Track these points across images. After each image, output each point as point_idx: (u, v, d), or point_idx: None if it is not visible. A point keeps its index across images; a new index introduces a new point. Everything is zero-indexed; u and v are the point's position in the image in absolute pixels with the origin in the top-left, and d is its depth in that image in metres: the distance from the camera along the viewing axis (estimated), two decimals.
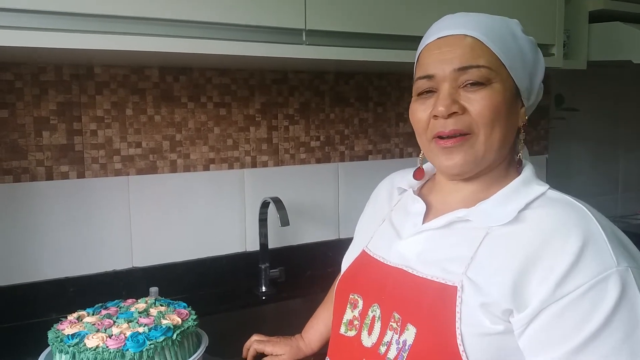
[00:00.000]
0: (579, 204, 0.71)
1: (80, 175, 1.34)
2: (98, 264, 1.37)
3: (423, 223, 0.80)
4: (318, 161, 1.66)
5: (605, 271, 0.64)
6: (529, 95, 0.79)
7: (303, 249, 1.64)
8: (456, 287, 0.70)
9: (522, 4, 1.46)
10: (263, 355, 1.07)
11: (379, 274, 0.81)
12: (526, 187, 0.75)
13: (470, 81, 0.73)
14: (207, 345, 1.04)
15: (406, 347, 0.72)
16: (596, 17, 1.77)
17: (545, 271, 0.66)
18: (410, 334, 0.72)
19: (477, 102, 0.73)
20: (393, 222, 0.86)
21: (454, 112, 0.73)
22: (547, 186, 0.75)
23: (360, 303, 0.82)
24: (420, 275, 0.75)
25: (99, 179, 1.36)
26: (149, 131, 1.41)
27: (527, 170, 0.78)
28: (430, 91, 0.76)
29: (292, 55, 1.18)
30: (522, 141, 0.79)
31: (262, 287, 1.51)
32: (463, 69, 0.73)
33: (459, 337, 0.68)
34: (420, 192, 0.87)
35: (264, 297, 1.49)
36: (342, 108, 1.68)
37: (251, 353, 1.07)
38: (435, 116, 0.75)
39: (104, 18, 1.01)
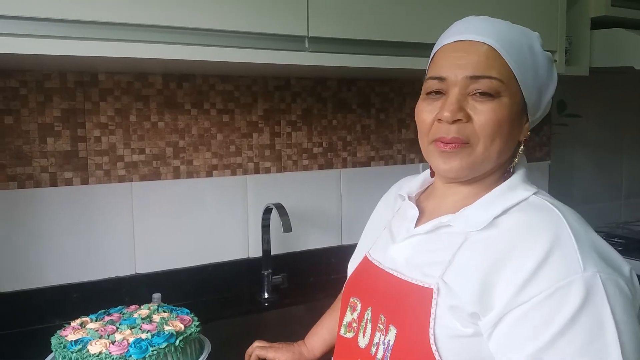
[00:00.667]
0: (555, 209, 0.71)
1: (84, 181, 1.35)
2: (101, 270, 1.37)
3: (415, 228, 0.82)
4: (320, 167, 1.66)
5: (568, 276, 0.64)
6: (535, 110, 0.79)
7: (306, 255, 1.64)
8: (432, 289, 0.72)
9: (524, 10, 1.46)
10: None
11: (374, 278, 0.84)
12: (511, 193, 0.76)
13: (480, 90, 0.73)
14: (209, 351, 1.04)
15: (389, 347, 0.74)
16: (598, 23, 1.77)
17: (510, 274, 0.67)
18: (392, 334, 0.75)
19: (483, 114, 0.73)
20: (392, 228, 0.88)
21: (459, 120, 0.73)
22: (533, 191, 0.76)
23: (359, 306, 0.84)
24: (404, 279, 0.77)
25: (102, 185, 1.37)
26: (153, 137, 1.42)
27: (516, 176, 0.78)
28: (439, 92, 0.76)
29: (295, 62, 1.19)
30: (520, 152, 0.79)
31: (264, 293, 1.51)
32: (475, 78, 0.73)
33: (431, 337, 0.70)
34: (419, 198, 0.89)
35: (266, 304, 1.49)
36: (344, 114, 1.69)
37: (253, 359, 1.07)
38: (439, 119, 0.75)
39: (108, 25, 1.02)
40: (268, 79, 1.56)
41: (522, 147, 0.79)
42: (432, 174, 0.88)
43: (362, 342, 0.81)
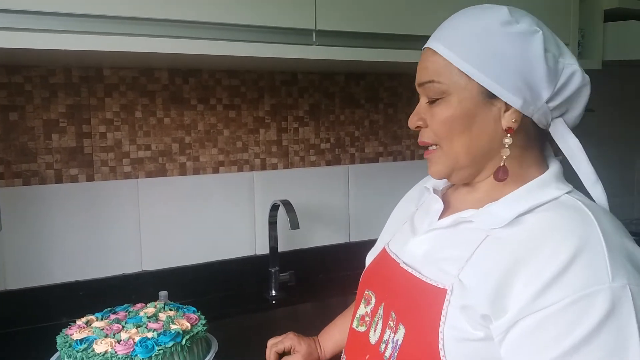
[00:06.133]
0: (588, 211, 0.67)
1: (90, 178, 1.34)
2: (107, 268, 1.36)
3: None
4: (328, 163, 1.64)
5: (594, 286, 0.60)
6: (527, 93, 0.70)
7: (313, 252, 1.62)
8: (446, 289, 0.69)
9: (536, 3, 1.43)
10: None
11: (389, 273, 0.81)
12: (541, 190, 0.71)
13: (429, 96, 0.75)
14: (216, 350, 1.02)
15: (397, 347, 0.72)
16: (611, 15, 1.74)
17: (529, 277, 0.62)
18: (401, 333, 0.72)
19: (432, 118, 0.75)
20: (414, 221, 0.86)
21: (419, 126, 0.77)
22: (566, 190, 0.72)
23: (373, 300, 0.82)
24: (417, 276, 0.75)
25: (108, 181, 1.36)
26: (159, 134, 1.41)
27: (549, 173, 0.74)
28: None
29: (302, 56, 1.17)
30: (506, 146, 0.71)
31: (272, 290, 1.50)
32: (421, 85, 0.76)
33: (440, 340, 0.67)
34: (446, 192, 0.86)
35: (274, 301, 1.48)
36: (352, 109, 1.66)
37: (273, 357, 1.04)
38: None
39: (113, 19, 1.01)
40: (275, 74, 1.54)
41: (508, 138, 0.71)
42: None
43: (373, 338, 0.79)
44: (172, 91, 1.41)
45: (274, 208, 1.48)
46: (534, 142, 0.76)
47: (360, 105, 1.68)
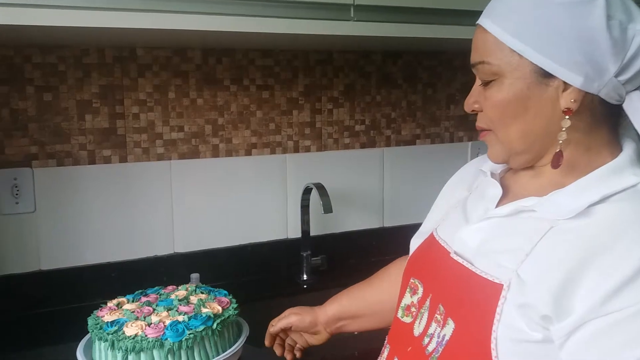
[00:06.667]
0: None
1: (123, 159, 1.33)
2: (140, 250, 1.36)
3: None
4: (363, 146, 1.60)
5: None
6: (588, 69, 0.63)
7: (346, 237, 1.59)
8: (502, 285, 0.63)
9: None
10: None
11: (438, 262, 0.76)
12: (615, 177, 0.64)
13: (481, 78, 0.71)
14: (247, 335, 1.01)
15: (443, 342, 0.67)
16: None
17: (599, 276, 0.57)
18: (449, 329, 0.67)
19: (485, 101, 0.70)
20: (466, 206, 0.79)
21: (475, 109, 0.72)
22: None
23: (420, 290, 0.77)
24: (470, 268, 0.69)
25: (141, 163, 1.35)
26: (192, 115, 1.39)
27: (623, 156, 0.66)
28: None
29: (340, 32, 1.11)
30: (564, 129, 0.65)
31: (303, 275, 1.48)
32: (473, 66, 0.71)
33: (493, 340, 0.62)
34: (505, 176, 0.79)
35: (305, 286, 1.46)
36: (389, 90, 1.61)
37: (268, 341, 1.03)
38: None
39: None
40: (309, 53, 1.49)
41: (566, 119, 0.65)
42: None
43: (417, 330, 0.74)
44: (205, 71, 1.39)
45: (307, 191, 1.45)
46: (603, 122, 0.67)
47: (397, 85, 1.62)
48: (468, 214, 0.77)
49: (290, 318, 1.02)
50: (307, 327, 1.01)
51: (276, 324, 1.02)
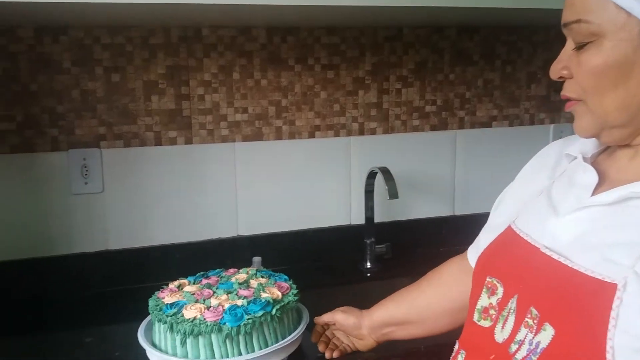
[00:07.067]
0: None
1: (188, 141, 1.33)
2: (204, 231, 1.36)
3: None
4: (433, 128, 1.51)
5: None
6: None
7: (412, 224, 1.53)
8: (616, 284, 0.54)
9: None
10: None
11: (522, 258, 0.67)
12: None
13: (576, 40, 0.63)
14: (307, 322, 0.97)
15: (538, 350, 0.59)
16: None
17: None
18: (546, 335, 0.59)
19: (579, 66, 0.62)
20: (552, 195, 0.70)
21: (562, 76, 0.65)
22: None
23: (500, 290, 0.69)
24: (572, 266, 0.60)
25: (206, 145, 1.34)
26: (255, 96, 1.36)
27: None
28: None
29: (411, 3, 1.04)
30: None
31: (366, 263, 1.43)
32: (566, 26, 0.63)
33: (609, 350, 0.53)
34: (595, 161, 0.70)
35: (368, 274, 1.42)
36: (463, 67, 1.51)
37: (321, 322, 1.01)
38: None
39: None
40: (378, 29, 1.42)
41: None
42: None
43: (500, 336, 0.66)
44: (270, 50, 1.35)
45: (371, 176, 1.39)
46: None
47: (473, 62, 1.51)
48: (556, 204, 0.68)
49: (336, 314, 0.98)
50: (350, 327, 0.97)
51: (321, 317, 1.00)
